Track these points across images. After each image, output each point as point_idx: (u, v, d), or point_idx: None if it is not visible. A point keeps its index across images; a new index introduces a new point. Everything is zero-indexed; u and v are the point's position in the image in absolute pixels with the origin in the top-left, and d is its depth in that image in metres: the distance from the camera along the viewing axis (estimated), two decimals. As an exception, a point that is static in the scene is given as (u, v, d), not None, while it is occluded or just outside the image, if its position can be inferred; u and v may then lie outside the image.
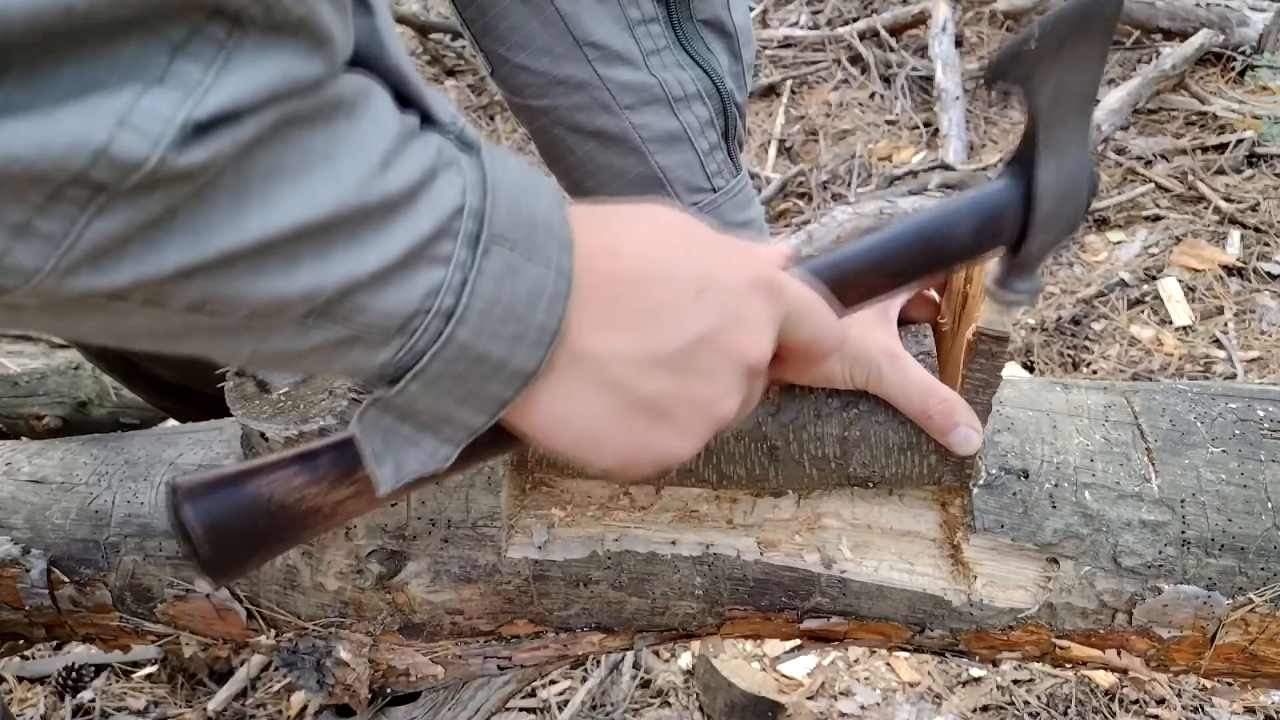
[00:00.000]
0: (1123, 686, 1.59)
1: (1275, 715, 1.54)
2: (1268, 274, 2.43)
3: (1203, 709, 1.56)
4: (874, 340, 0.68)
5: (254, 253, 0.34)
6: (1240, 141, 2.81)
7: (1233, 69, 3.19)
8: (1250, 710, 1.55)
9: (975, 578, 0.73)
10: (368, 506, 0.50)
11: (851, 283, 0.57)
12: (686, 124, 0.71)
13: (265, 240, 0.34)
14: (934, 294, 0.77)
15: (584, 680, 1.68)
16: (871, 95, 3.51)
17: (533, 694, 1.68)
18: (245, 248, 0.34)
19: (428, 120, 0.41)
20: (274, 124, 0.33)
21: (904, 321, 0.74)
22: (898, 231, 0.58)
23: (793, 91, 3.58)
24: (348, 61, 0.37)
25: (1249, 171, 2.76)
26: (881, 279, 0.59)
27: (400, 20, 4.09)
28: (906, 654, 1.64)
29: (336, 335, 0.38)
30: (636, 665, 1.70)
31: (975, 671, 1.65)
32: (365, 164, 0.36)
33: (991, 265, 0.62)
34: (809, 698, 1.62)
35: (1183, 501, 0.71)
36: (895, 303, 0.72)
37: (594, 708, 1.65)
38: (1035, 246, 0.57)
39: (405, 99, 0.40)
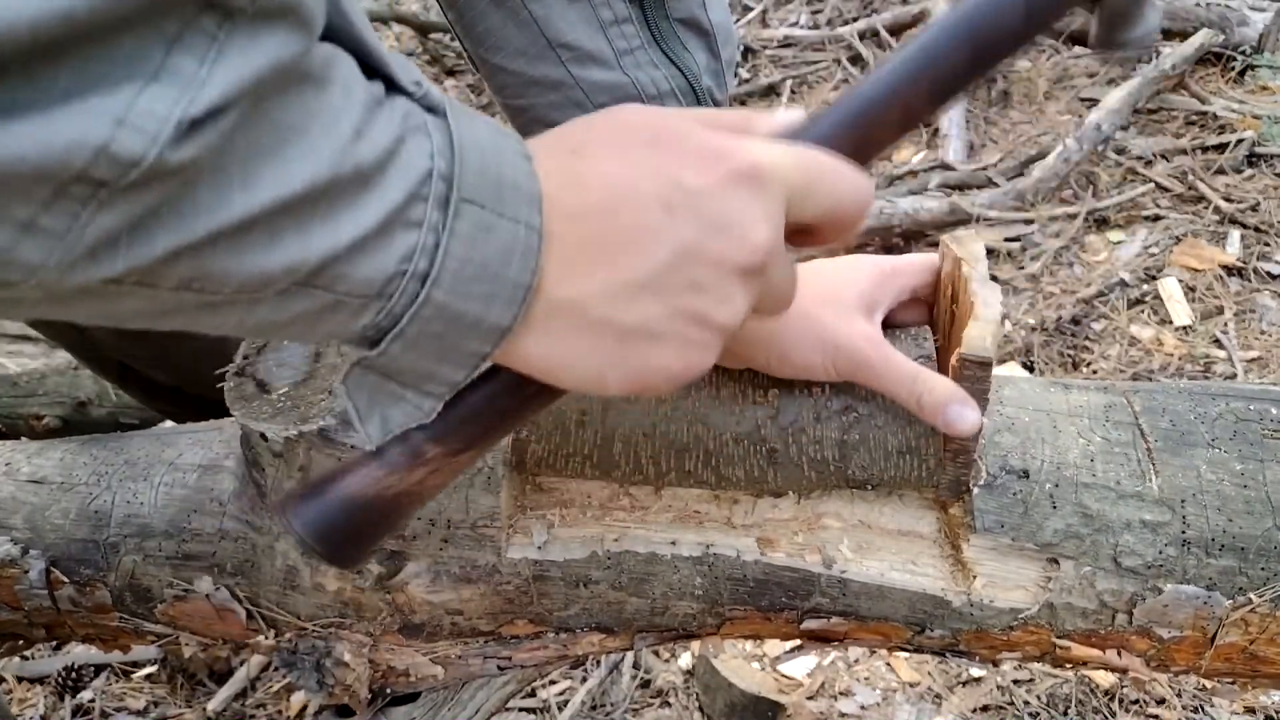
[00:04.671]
0: (1123, 686, 1.59)
1: (1275, 715, 1.54)
2: (1268, 274, 2.43)
3: (1203, 709, 1.56)
4: (857, 330, 0.67)
5: (237, 230, 0.35)
6: (1240, 141, 2.81)
7: (1233, 69, 3.19)
8: (1250, 710, 1.55)
9: (975, 578, 0.73)
10: (451, 476, 0.52)
11: (880, 121, 0.51)
12: None
13: (247, 218, 0.35)
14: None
15: (584, 680, 1.68)
16: (871, 95, 3.51)
17: (533, 694, 1.68)
18: (229, 226, 0.34)
19: (392, 87, 0.41)
20: (254, 104, 0.33)
21: (899, 326, 0.74)
22: (926, 45, 0.50)
23: (793, 91, 3.58)
24: None
25: (1249, 171, 2.76)
26: (920, 102, 0.51)
27: (400, 20, 4.09)
28: (906, 654, 1.64)
29: (318, 303, 0.39)
30: (636, 665, 1.70)
31: (975, 671, 1.65)
32: (337, 137, 0.36)
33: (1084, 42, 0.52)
34: (809, 698, 1.62)
35: (1183, 502, 0.71)
36: (882, 296, 0.71)
37: (594, 708, 1.65)
38: None
39: (368, 67, 0.40)
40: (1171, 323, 2.35)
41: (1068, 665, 0.77)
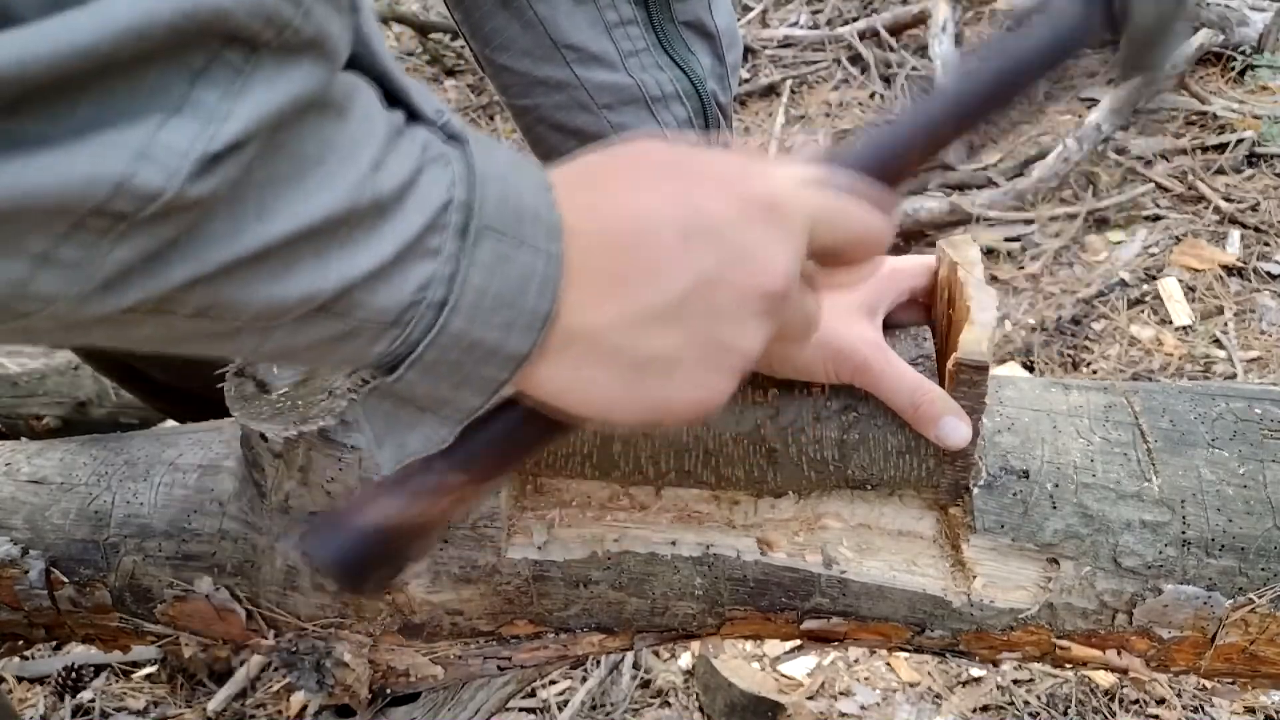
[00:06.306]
0: (1123, 686, 1.59)
1: (1275, 715, 1.54)
2: (1268, 274, 2.43)
3: (1203, 709, 1.56)
4: (857, 333, 0.67)
5: (253, 260, 0.34)
6: (1240, 141, 2.81)
7: (1233, 69, 3.19)
8: (1250, 710, 1.55)
9: (975, 578, 0.73)
10: (471, 504, 0.53)
11: (912, 151, 0.53)
12: (664, 124, 0.73)
13: (263, 248, 0.34)
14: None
15: (584, 680, 1.68)
16: (871, 95, 3.51)
17: (533, 694, 1.68)
18: (245, 257, 0.34)
19: (413, 115, 0.41)
20: (274, 137, 0.33)
21: (898, 325, 0.74)
22: (957, 84, 0.52)
23: (793, 91, 3.58)
24: None
25: (1249, 171, 2.76)
26: (948, 130, 0.53)
27: (400, 20, 4.09)
28: (907, 654, 1.64)
29: (333, 330, 0.39)
30: (636, 665, 1.70)
31: (975, 671, 1.64)
32: (355, 168, 0.36)
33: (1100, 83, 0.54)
34: (809, 698, 1.62)
35: (1183, 502, 0.71)
36: (882, 297, 0.71)
37: (594, 708, 1.65)
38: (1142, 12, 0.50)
39: (390, 94, 0.40)
40: (1171, 323, 2.35)
41: (1068, 665, 0.77)
